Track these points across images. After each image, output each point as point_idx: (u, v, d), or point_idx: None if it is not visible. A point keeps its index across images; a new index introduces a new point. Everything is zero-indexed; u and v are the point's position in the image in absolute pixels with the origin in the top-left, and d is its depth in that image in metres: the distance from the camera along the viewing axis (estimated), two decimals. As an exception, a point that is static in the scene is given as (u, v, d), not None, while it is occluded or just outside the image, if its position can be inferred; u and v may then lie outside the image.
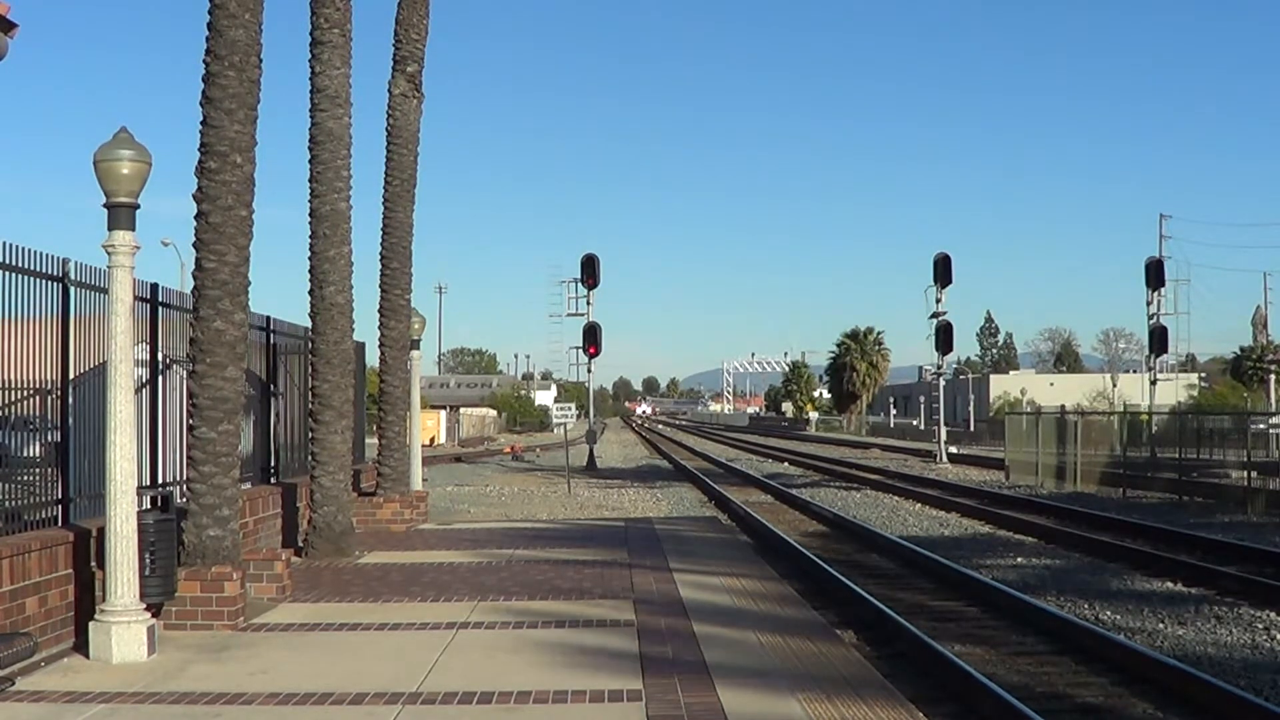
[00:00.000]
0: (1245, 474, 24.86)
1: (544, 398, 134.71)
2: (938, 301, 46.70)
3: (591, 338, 44.33)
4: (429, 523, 19.16)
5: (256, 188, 10.98)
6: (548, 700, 7.68)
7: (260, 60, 10.95)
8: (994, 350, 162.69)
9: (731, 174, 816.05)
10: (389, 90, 18.23)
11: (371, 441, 21.59)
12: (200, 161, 10.68)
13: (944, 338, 46.87)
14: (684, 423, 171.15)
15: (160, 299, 12.03)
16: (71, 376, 10.02)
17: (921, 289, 54.65)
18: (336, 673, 8.50)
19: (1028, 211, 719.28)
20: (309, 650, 9.39)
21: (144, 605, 9.05)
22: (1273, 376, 69.77)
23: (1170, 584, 14.92)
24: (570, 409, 37.81)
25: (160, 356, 12.04)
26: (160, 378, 12.07)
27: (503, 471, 42.94)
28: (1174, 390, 58.19)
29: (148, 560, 9.41)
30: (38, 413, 9.96)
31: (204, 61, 10.74)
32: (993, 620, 12.69)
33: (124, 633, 8.84)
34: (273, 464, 15.92)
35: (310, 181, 14.96)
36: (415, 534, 17.52)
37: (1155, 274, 45.77)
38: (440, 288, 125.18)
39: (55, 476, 9.94)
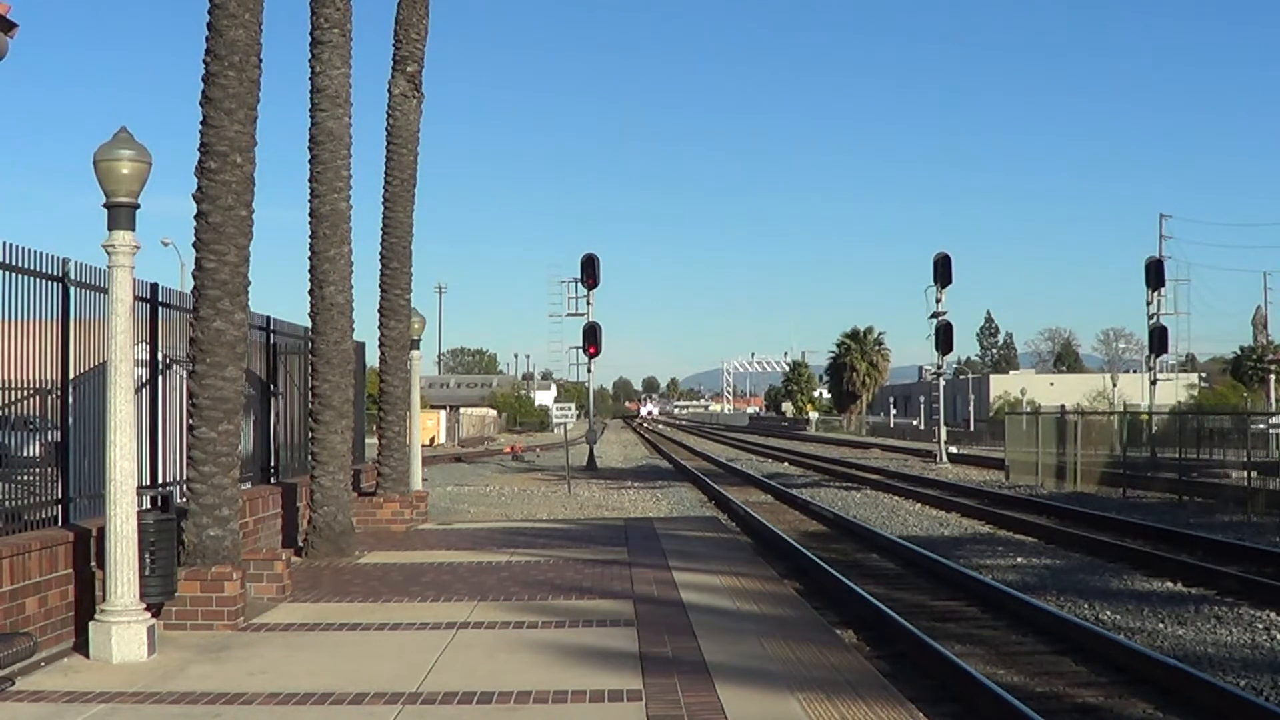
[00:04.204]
0: (1245, 474, 24.85)
1: (544, 398, 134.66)
2: (938, 301, 46.70)
3: (591, 338, 44.31)
4: (429, 523, 19.16)
5: (256, 188, 10.98)
6: (548, 700, 7.68)
7: (260, 60, 10.95)
8: (994, 350, 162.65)
9: (731, 174, 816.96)
10: (389, 90, 18.23)
11: (371, 441, 21.60)
12: (200, 161, 10.68)
13: (944, 338, 46.85)
14: (683, 422, 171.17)
15: (160, 299, 12.04)
16: (71, 376, 10.02)
17: (921, 289, 54.77)
18: (336, 673, 8.50)
19: (1027, 211, 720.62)
20: (309, 650, 9.39)
21: (144, 605, 9.05)
22: (1273, 376, 69.78)
23: (1170, 584, 14.91)
24: (570, 409, 37.79)
25: (160, 356, 12.04)
26: (160, 378, 12.07)
27: (503, 471, 42.93)
28: (1174, 390, 58.23)
29: (148, 560, 9.41)
30: (38, 413, 9.96)
31: (204, 61, 10.75)
32: (993, 620, 12.69)
33: (124, 633, 8.84)
34: (273, 464, 15.92)
35: (310, 181, 14.96)
36: (415, 534, 17.52)
37: (1155, 274, 45.76)
38: (440, 288, 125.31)
39: (55, 476, 9.94)
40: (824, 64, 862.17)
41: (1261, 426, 28.23)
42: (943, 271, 46.54)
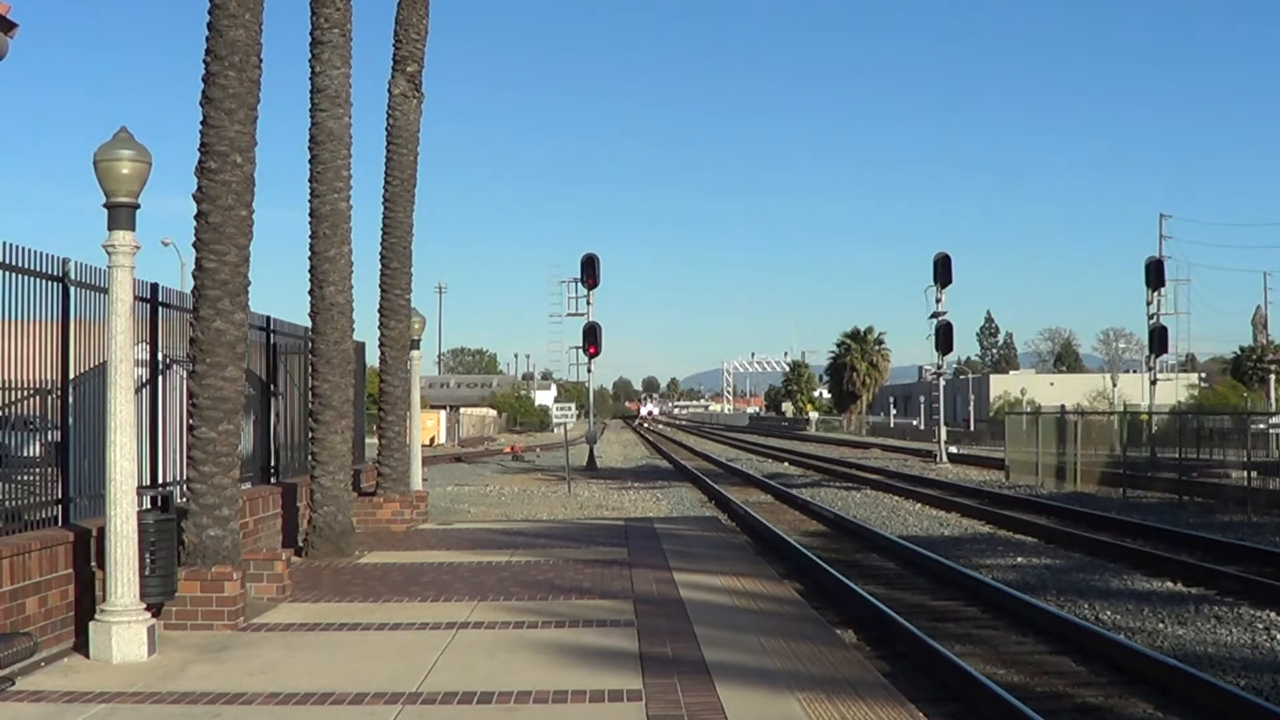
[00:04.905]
0: (1245, 474, 24.84)
1: (544, 398, 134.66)
2: (938, 301, 46.70)
3: (591, 338, 44.32)
4: (429, 523, 19.16)
5: (256, 188, 10.98)
6: (548, 700, 7.68)
7: (260, 60, 10.94)
8: (994, 350, 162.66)
9: (731, 174, 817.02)
10: (389, 90, 18.23)
11: (371, 441, 21.60)
12: (200, 161, 10.68)
13: (944, 338, 46.85)
14: (683, 422, 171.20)
15: (160, 299, 12.03)
16: (71, 376, 10.02)
17: (921, 289, 54.72)
18: (336, 672, 8.50)
19: (1028, 211, 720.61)
20: (309, 650, 9.39)
21: (144, 605, 9.05)
22: (1273, 376, 69.77)
23: (1170, 584, 14.92)
24: (570, 409, 37.78)
25: (160, 356, 12.04)
26: (160, 378, 12.06)
27: (503, 471, 42.93)
28: (1174, 390, 58.19)
29: (148, 560, 9.41)
30: (38, 413, 9.96)
31: (204, 61, 10.75)
32: (993, 620, 12.69)
33: (124, 633, 8.84)
34: (273, 464, 15.91)
35: (310, 181, 14.95)
36: (415, 534, 17.52)
37: (1155, 274, 45.78)
38: (440, 288, 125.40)
39: (55, 476, 9.94)
40: (824, 64, 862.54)
41: (1261, 426, 28.21)
42: (943, 271, 46.54)
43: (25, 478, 9.70)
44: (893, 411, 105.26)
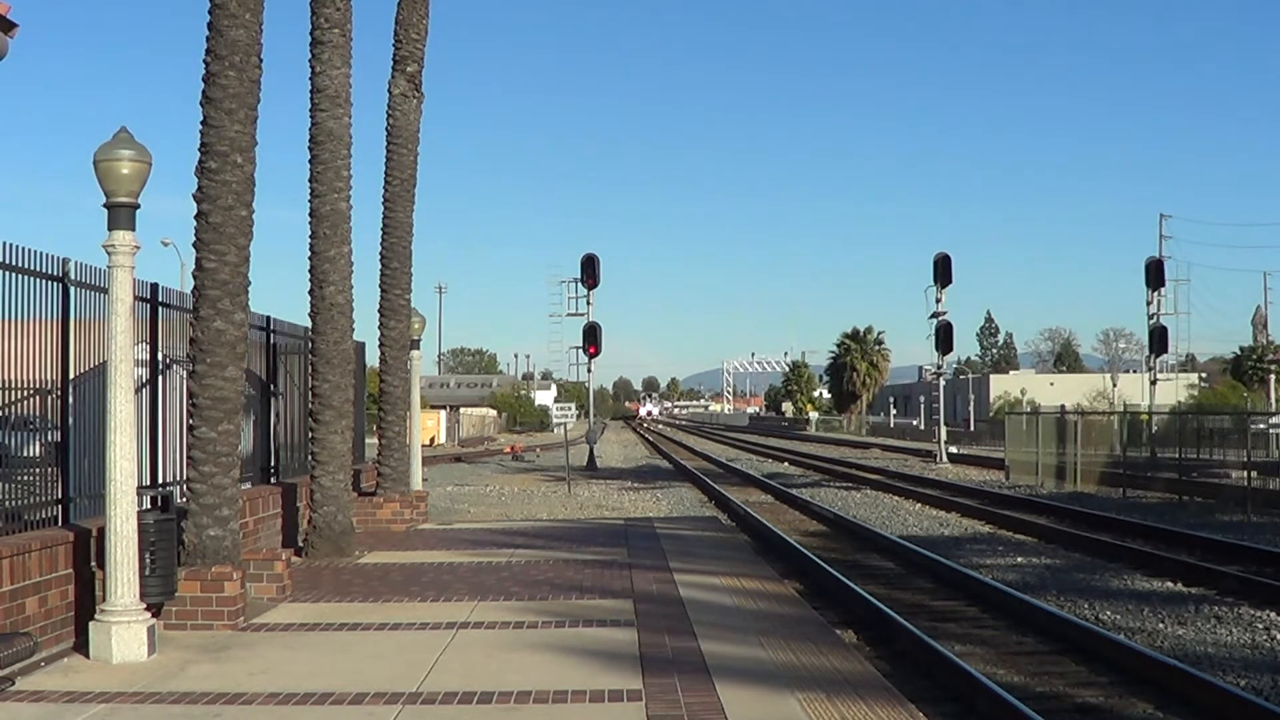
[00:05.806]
0: (1245, 474, 24.84)
1: (544, 398, 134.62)
2: (938, 301, 46.68)
3: (591, 338, 44.30)
4: (429, 523, 19.16)
5: (256, 188, 10.98)
6: (548, 700, 7.68)
7: (260, 60, 10.95)
8: (994, 350, 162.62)
9: (731, 174, 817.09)
10: (389, 90, 18.23)
11: (371, 441, 21.60)
12: (200, 161, 10.68)
13: (944, 338, 46.84)
14: (684, 422, 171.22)
15: (160, 299, 12.03)
16: (71, 376, 10.02)
17: (921, 289, 54.73)
18: (336, 672, 8.50)
19: (1028, 211, 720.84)
20: (309, 650, 9.40)
21: (144, 605, 9.05)
22: (1273, 376, 69.80)
23: (1170, 584, 14.92)
24: (570, 409, 37.79)
25: (160, 356, 12.04)
26: (160, 378, 12.07)
27: (503, 471, 42.92)
28: (1174, 390, 58.18)
29: (148, 560, 9.41)
30: (38, 413, 9.96)
31: (204, 61, 10.75)
32: (993, 620, 12.69)
33: (124, 633, 8.84)
34: (273, 464, 15.92)
35: (310, 181, 14.95)
36: (415, 534, 17.52)
37: (1155, 274, 45.77)
38: (440, 288, 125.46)
39: (55, 476, 9.94)
40: (824, 64, 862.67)
41: (1261, 426, 28.26)
42: (943, 271, 46.53)
43: (25, 478, 9.70)
44: (893, 411, 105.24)
